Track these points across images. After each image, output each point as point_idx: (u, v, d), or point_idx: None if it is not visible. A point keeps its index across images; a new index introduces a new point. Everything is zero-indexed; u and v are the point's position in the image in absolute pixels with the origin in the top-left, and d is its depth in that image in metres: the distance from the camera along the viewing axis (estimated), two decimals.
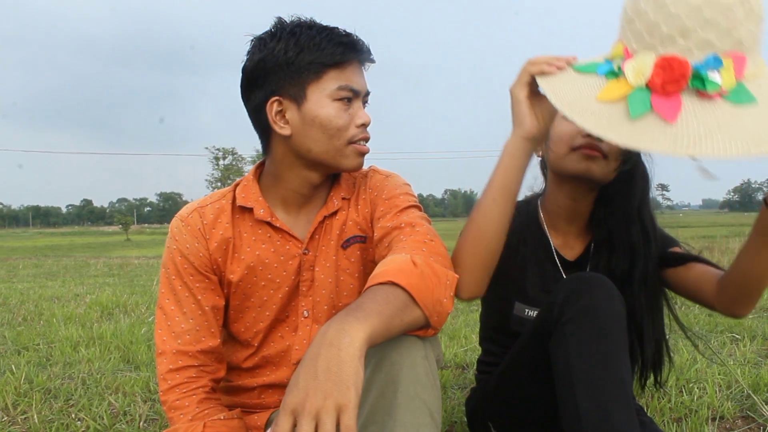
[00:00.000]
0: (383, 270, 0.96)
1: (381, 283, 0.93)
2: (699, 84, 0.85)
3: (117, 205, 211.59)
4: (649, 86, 0.86)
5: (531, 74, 1.01)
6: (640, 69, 0.87)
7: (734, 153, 0.81)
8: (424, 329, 0.99)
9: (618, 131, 0.85)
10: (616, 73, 0.91)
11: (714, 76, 0.85)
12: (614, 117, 0.87)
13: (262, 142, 1.22)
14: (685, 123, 0.84)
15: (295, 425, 0.74)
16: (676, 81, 0.85)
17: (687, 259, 1.30)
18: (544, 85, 0.97)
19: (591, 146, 1.22)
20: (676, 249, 1.34)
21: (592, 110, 0.89)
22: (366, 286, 0.94)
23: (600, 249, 1.33)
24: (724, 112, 0.85)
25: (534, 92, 1.03)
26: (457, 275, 1.06)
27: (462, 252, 1.11)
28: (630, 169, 1.27)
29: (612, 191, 1.30)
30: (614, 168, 1.26)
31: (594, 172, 1.24)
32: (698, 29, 0.84)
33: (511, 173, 1.08)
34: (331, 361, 0.77)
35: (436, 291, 0.98)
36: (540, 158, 1.39)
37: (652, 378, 1.39)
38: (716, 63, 0.85)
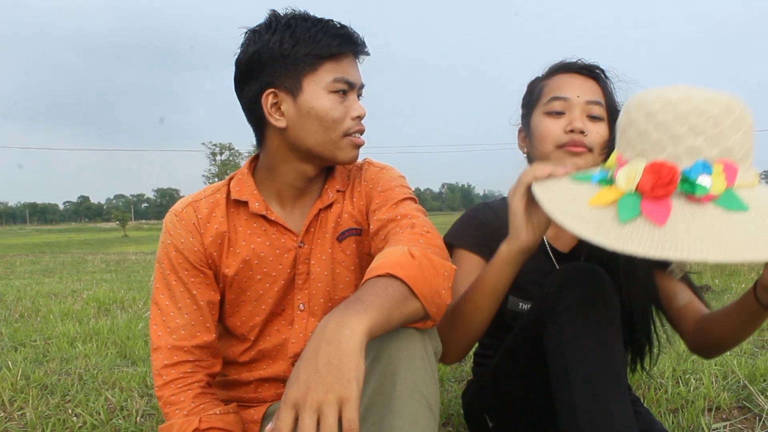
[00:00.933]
0: (381, 262, 0.95)
1: (379, 276, 0.92)
2: (688, 188, 0.86)
3: (114, 201, 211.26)
4: (639, 190, 0.88)
5: (528, 184, 1.02)
6: (630, 175, 0.89)
7: (719, 258, 0.82)
8: (422, 321, 0.99)
9: (607, 235, 0.86)
10: (608, 181, 0.93)
11: (702, 181, 0.86)
12: (604, 222, 0.89)
13: (256, 135, 1.21)
14: (673, 227, 0.85)
15: (296, 419, 0.74)
16: (664, 185, 0.86)
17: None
18: (539, 193, 0.99)
19: (576, 143, 1.23)
20: None
21: (583, 216, 0.91)
22: (364, 279, 0.94)
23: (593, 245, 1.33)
24: (712, 217, 0.86)
25: (531, 200, 1.03)
26: (454, 266, 1.06)
27: (449, 332, 1.16)
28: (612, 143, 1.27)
29: None
30: (601, 161, 1.26)
31: (581, 167, 1.25)
32: (687, 136, 0.87)
33: (503, 278, 1.11)
34: (331, 355, 0.77)
35: (435, 282, 0.97)
36: (526, 154, 1.39)
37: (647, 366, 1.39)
38: (705, 168, 0.86)
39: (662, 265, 1.31)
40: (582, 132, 1.22)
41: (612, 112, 1.27)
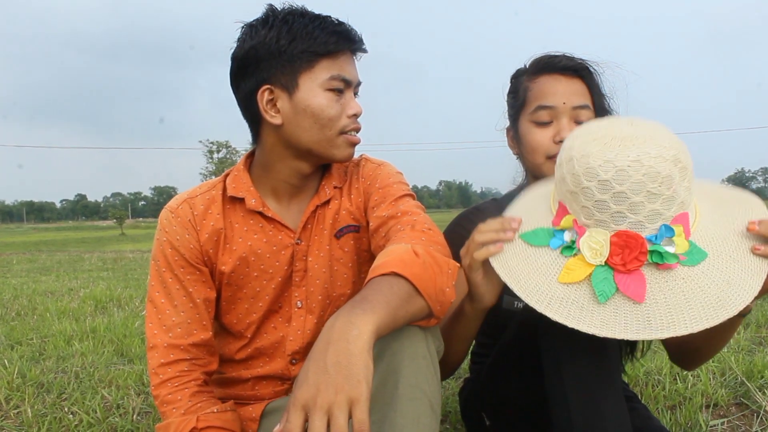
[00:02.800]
0: (385, 261, 0.95)
1: (384, 274, 0.92)
2: (658, 258, 0.88)
3: (111, 199, 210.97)
4: (609, 264, 0.89)
5: (481, 259, 1.02)
6: (597, 248, 0.90)
7: (703, 326, 0.85)
8: (426, 319, 0.98)
9: (590, 321, 0.88)
10: (570, 248, 0.93)
11: (670, 248, 0.89)
12: (582, 303, 0.89)
13: (251, 131, 1.20)
14: (653, 301, 0.87)
15: (305, 421, 0.73)
16: (636, 258, 0.87)
17: None
18: (499, 269, 0.99)
19: None
20: None
21: (558, 296, 0.91)
22: (368, 277, 0.93)
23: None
24: (685, 280, 0.89)
25: (487, 264, 1.03)
26: (457, 264, 1.06)
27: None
28: None
29: None
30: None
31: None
32: (645, 202, 0.87)
33: (471, 329, 1.17)
34: (340, 355, 0.76)
35: (439, 280, 0.97)
36: (516, 155, 1.38)
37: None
38: (668, 232, 0.88)
39: None
40: None
41: (600, 111, 1.27)
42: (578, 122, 1.24)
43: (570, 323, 0.89)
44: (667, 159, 0.88)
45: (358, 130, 1.17)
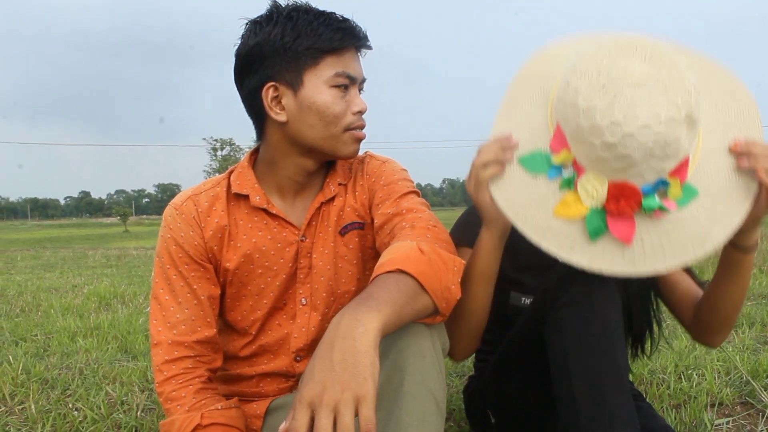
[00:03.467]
0: (391, 258, 0.95)
1: (389, 272, 0.92)
2: (651, 209, 0.91)
3: (115, 196, 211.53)
4: (604, 207, 0.92)
5: (486, 179, 1.01)
6: (594, 194, 0.91)
7: (684, 262, 0.92)
8: (432, 316, 0.98)
9: (580, 255, 0.93)
10: (568, 182, 0.94)
11: (664, 201, 0.91)
12: (574, 238, 0.94)
13: (256, 128, 1.20)
14: (640, 242, 0.92)
15: (312, 418, 0.73)
16: (629, 207, 0.90)
17: None
18: (499, 199, 1.00)
19: None
20: None
21: (553, 230, 0.95)
22: (374, 275, 0.93)
23: None
24: (672, 223, 0.92)
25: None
26: (463, 261, 1.06)
27: (452, 326, 1.14)
28: None
29: None
30: None
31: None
32: (649, 161, 0.87)
33: (492, 262, 1.12)
34: (346, 353, 0.76)
35: (444, 278, 0.97)
36: None
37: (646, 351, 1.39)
38: (664, 185, 0.91)
39: None
40: None
41: None
42: None
43: (561, 256, 0.94)
44: (679, 121, 0.85)
45: (362, 127, 1.17)
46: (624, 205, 0.90)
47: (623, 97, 0.85)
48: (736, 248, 1.04)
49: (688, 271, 1.30)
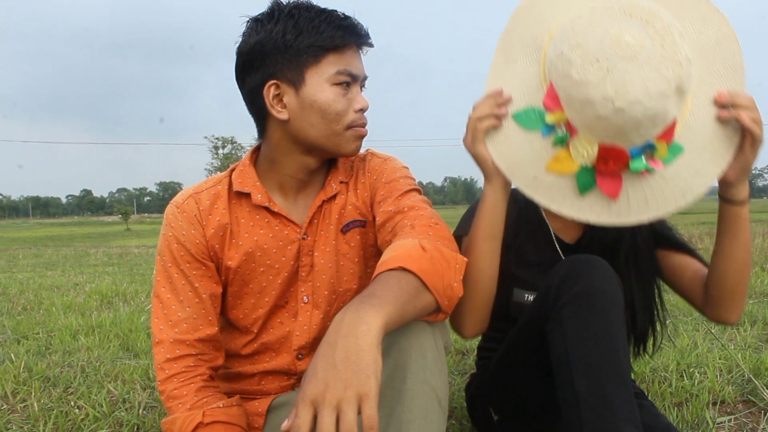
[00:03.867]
0: (393, 255, 0.94)
1: (391, 269, 0.91)
2: (638, 170, 0.96)
3: (117, 195, 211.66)
4: (594, 166, 0.98)
5: (482, 131, 1.07)
6: (585, 154, 0.97)
7: (666, 213, 1.00)
8: (434, 314, 0.98)
9: (570, 207, 1.01)
10: (560, 140, 0.99)
11: (650, 163, 0.97)
12: (564, 191, 1.00)
13: (257, 126, 1.19)
14: (626, 197, 0.98)
15: (314, 416, 0.73)
16: (618, 168, 0.96)
17: (680, 247, 1.30)
18: (494, 153, 1.07)
19: None
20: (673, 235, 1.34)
21: (544, 184, 1.01)
22: (376, 272, 0.93)
23: (593, 228, 1.33)
24: (657, 180, 0.98)
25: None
26: (465, 258, 1.06)
27: (463, 302, 1.13)
28: None
29: None
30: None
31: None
32: (640, 127, 0.92)
33: (496, 218, 1.15)
34: (349, 350, 0.76)
35: (446, 275, 0.97)
36: None
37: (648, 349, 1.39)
38: (652, 148, 0.96)
39: (665, 245, 1.31)
40: None
41: None
42: None
43: (552, 207, 1.01)
44: (669, 94, 0.89)
45: (364, 124, 1.17)
46: (612, 166, 0.96)
47: (616, 72, 0.88)
48: (729, 203, 1.07)
49: (695, 254, 1.30)
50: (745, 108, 0.97)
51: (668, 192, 0.99)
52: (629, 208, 0.99)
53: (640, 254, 1.30)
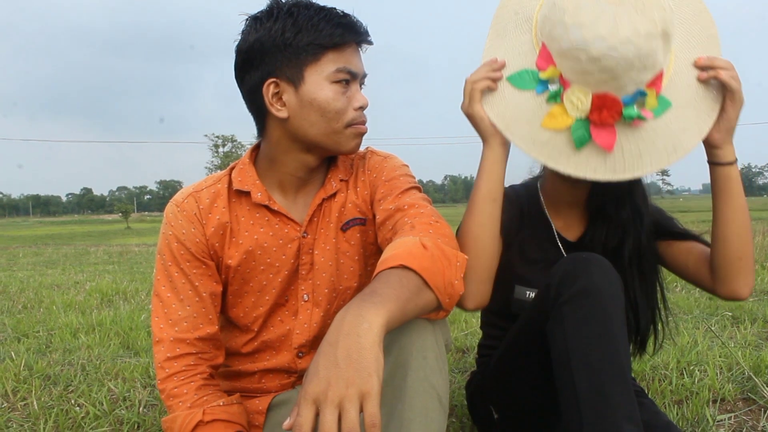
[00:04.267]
0: (394, 253, 0.94)
1: (392, 267, 0.91)
2: (630, 118, 1.01)
3: (117, 193, 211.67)
4: (588, 118, 1.01)
5: (480, 92, 1.12)
6: (579, 106, 1.01)
7: (659, 168, 1.04)
8: (435, 312, 0.98)
9: (567, 163, 1.04)
10: (554, 96, 1.04)
11: (642, 111, 1.01)
12: (561, 148, 1.04)
13: (257, 124, 1.19)
14: (620, 150, 1.02)
15: (316, 415, 0.73)
16: (611, 117, 1.00)
17: (682, 235, 1.30)
18: (490, 113, 1.11)
19: None
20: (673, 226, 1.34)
21: (540, 141, 1.05)
22: (377, 270, 0.93)
23: (595, 227, 1.33)
24: (648, 132, 1.03)
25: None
26: (466, 256, 1.05)
27: None
28: None
29: None
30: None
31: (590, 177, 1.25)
32: (629, 72, 0.97)
33: (495, 179, 1.16)
34: (351, 349, 0.75)
35: (447, 273, 0.97)
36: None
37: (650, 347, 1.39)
38: (642, 95, 1.00)
39: (667, 236, 1.31)
40: None
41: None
42: None
43: (549, 164, 1.05)
44: (657, 36, 0.96)
45: (364, 122, 1.16)
46: (606, 114, 1.00)
47: (607, 14, 0.94)
48: (719, 165, 1.12)
49: (698, 239, 1.30)
50: (724, 68, 1.04)
51: (660, 145, 1.04)
52: (624, 162, 1.03)
53: (644, 255, 1.30)
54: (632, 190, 1.29)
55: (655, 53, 0.96)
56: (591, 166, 1.03)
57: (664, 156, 1.04)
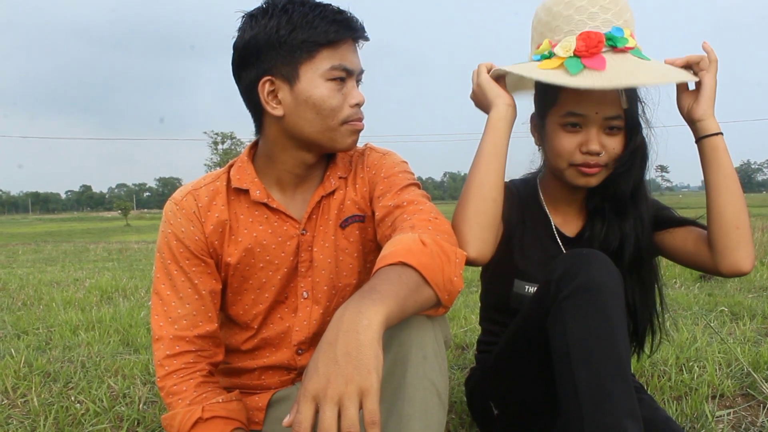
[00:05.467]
0: (393, 250, 0.94)
1: (392, 264, 0.91)
2: (612, 43, 1.15)
3: (116, 190, 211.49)
4: (577, 54, 1.14)
5: (484, 68, 1.26)
6: (566, 45, 1.15)
7: (653, 81, 1.15)
8: (434, 308, 0.98)
9: (567, 80, 1.12)
10: (548, 56, 1.18)
11: (621, 35, 1.16)
12: (559, 75, 1.14)
13: (254, 122, 1.19)
14: (612, 68, 1.13)
15: (316, 412, 0.73)
16: (595, 45, 1.14)
17: (679, 221, 1.30)
18: (495, 76, 1.25)
19: (589, 164, 1.23)
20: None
21: (539, 73, 1.17)
22: (376, 267, 0.93)
23: (593, 223, 1.33)
24: (634, 60, 1.16)
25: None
26: (465, 252, 1.06)
27: (465, 212, 1.17)
28: (628, 158, 1.25)
29: (609, 177, 1.28)
30: (612, 170, 1.25)
31: (592, 183, 1.27)
32: (600, 13, 1.17)
33: (501, 134, 1.21)
34: (350, 345, 0.75)
35: (447, 269, 0.97)
36: (539, 146, 1.37)
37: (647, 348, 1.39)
38: (620, 31, 1.16)
39: (663, 227, 1.31)
40: (597, 153, 1.21)
41: (632, 122, 1.23)
42: (608, 132, 1.22)
43: (551, 80, 1.13)
44: (627, 8, 1.19)
45: (360, 119, 1.16)
46: (590, 42, 1.14)
47: None
48: (706, 138, 1.19)
49: (695, 223, 1.30)
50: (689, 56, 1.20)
51: (649, 70, 1.15)
52: (618, 75, 1.12)
53: (644, 260, 1.29)
54: (635, 196, 1.28)
55: (625, 11, 1.19)
56: (588, 81, 1.11)
57: (657, 76, 1.16)
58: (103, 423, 1.69)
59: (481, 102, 1.26)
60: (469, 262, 1.15)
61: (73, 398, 1.88)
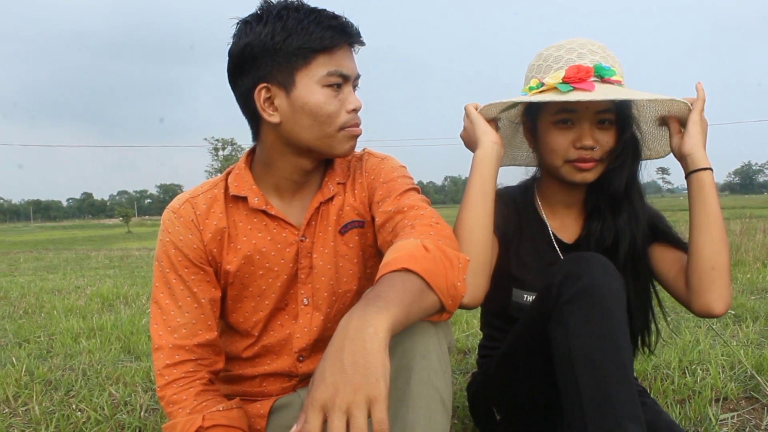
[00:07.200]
0: (396, 256, 0.94)
1: (395, 271, 0.91)
2: (600, 74, 1.18)
3: (117, 197, 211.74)
4: (566, 81, 1.17)
5: (473, 107, 1.28)
6: (556, 75, 1.18)
7: (643, 98, 1.18)
8: (438, 314, 0.98)
9: (561, 98, 1.14)
10: (537, 87, 1.21)
11: (609, 67, 1.20)
12: (551, 96, 1.16)
13: (251, 129, 1.19)
14: (601, 89, 1.16)
15: (324, 421, 0.73)
16: (585, 73, 1.17)
17: (677, 243, 1.30)
18: (483, 112, 1.27)
19: (584, 159, 1.23)
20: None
21: (530, 97, 1.19)
22: (379, 274, 0.92)
23: (591, 228, 1.33)
24: (622, 89, 1.19)
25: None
26: (468, 257, 1.05)
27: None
28: (621, 151, 1.25)
29: (604, 174, 1.28)
30: (607, 164, 1.25)
31: (589, 179, 1.27)
32: (588, 54, 1.21)
33: (487, 172, 1.22)
34: (357, 354, 0.75)
35: (450, 275, 0.96)
36: (533, 148, 1.37)
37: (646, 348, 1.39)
38: (607, 65, 1.20)
39: (662, 240, 1.31)
40: (591, 148, 1.21)
41: (622, 118, 1.24)
42: (600, 127, 1.23)
43: (543, 99, 1.16)
44: (599, 45, 1.25)
45: (357, 124, 1.15)
46: (580, 72, 1.16)
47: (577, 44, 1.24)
48: (693, 173, 1.19)
49: (682, 245, 1.29)
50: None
51: (639, 95, 1.18)
52: (607, 93, 1.16)
53: (639, 257, 1.29)
54: (628, 192, 1.29)
55: (605, 50, 1.23)
56: (580, 96, 1.14)
57: (647, 95, 1.19)
58: (104, 431, 1.69)
59: (470, 140, 1.27)
60: (462, 306, 1.14)
61: (74, 406, 1.87)
